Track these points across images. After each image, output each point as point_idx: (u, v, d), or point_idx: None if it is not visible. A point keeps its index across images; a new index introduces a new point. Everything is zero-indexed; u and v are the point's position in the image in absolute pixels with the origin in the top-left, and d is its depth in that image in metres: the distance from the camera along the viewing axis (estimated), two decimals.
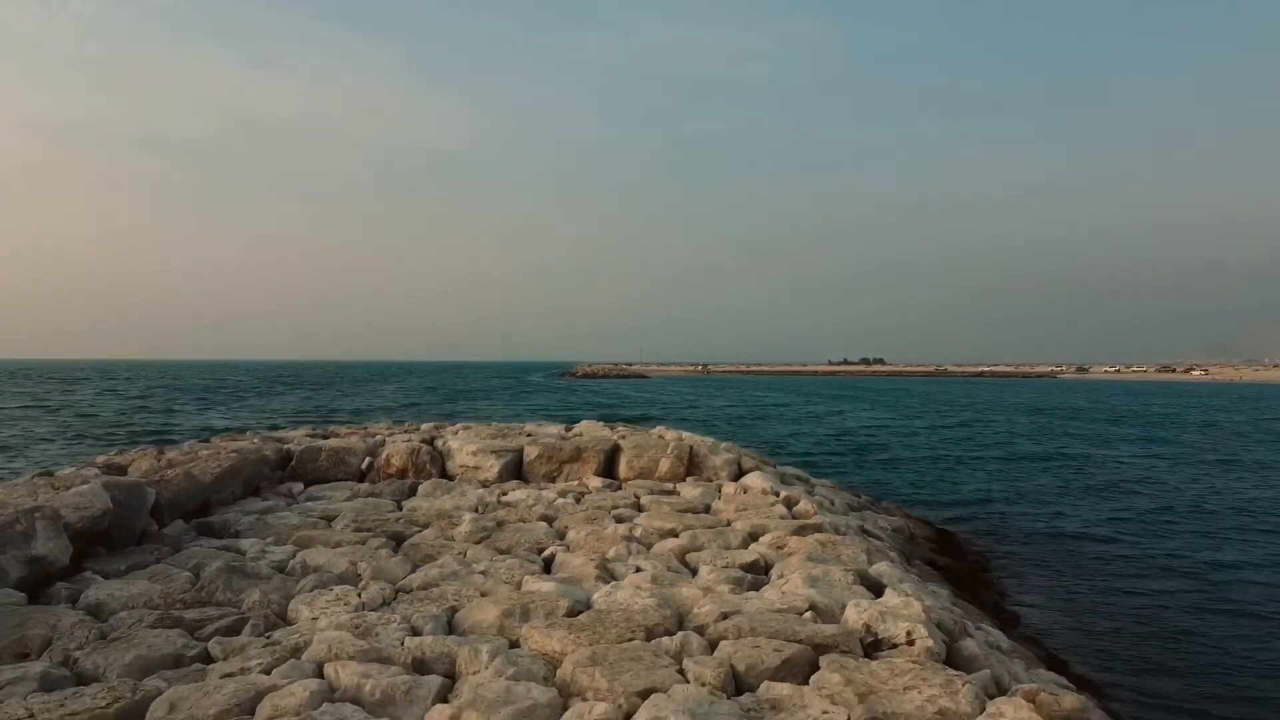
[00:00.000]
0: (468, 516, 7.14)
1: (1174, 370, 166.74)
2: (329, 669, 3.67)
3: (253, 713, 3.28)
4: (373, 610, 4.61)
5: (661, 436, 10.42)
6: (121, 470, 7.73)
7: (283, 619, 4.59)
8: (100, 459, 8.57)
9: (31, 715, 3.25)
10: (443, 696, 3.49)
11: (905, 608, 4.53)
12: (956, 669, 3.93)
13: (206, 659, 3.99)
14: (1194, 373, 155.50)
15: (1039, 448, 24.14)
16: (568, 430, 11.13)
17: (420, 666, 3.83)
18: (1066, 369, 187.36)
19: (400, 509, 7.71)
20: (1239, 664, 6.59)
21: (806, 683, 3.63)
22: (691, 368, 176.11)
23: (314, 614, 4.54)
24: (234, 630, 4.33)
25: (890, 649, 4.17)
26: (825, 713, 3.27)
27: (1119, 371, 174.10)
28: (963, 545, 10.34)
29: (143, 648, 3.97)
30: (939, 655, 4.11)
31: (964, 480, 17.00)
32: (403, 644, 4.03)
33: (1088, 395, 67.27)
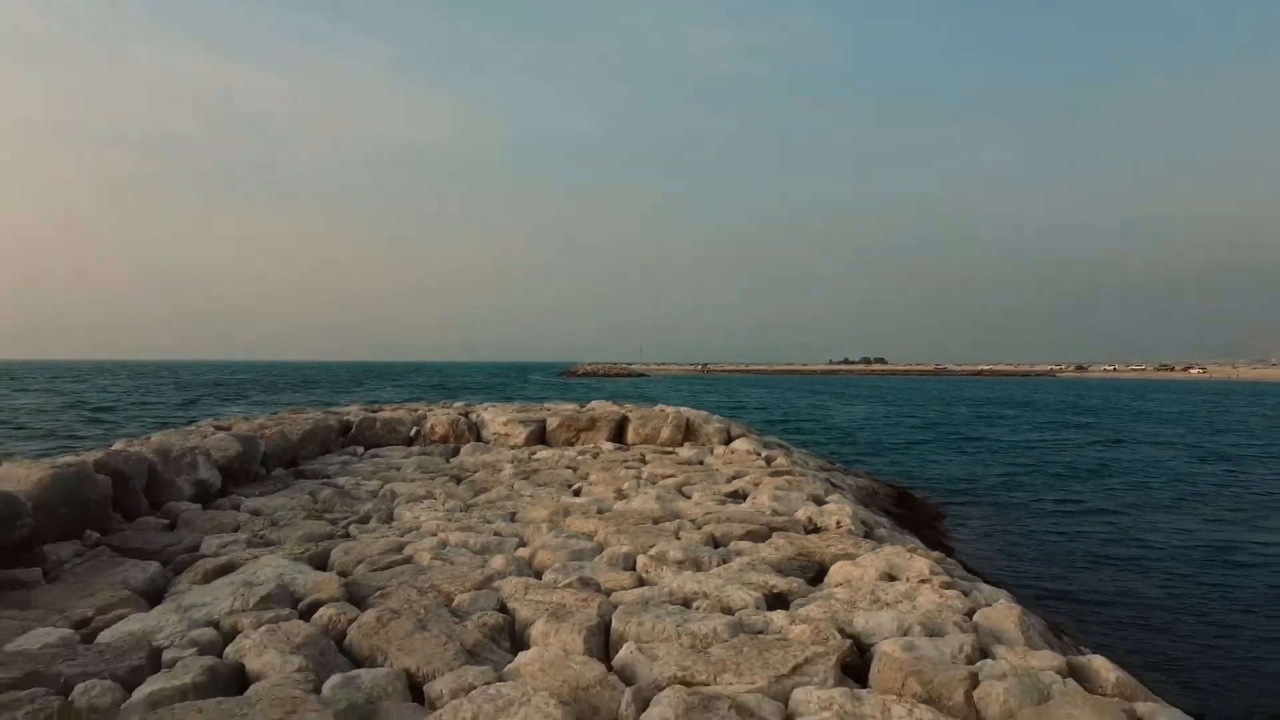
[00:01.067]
0: (508, 465, 8.93)
1: (1172, 369, 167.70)
2: (440, 535, 5.45)
3: (400, 551, 5.05)
4: (456, 513, 6.38)
5: (663, 410, 12.20)
6: (226, 430, 9.48)
7: (391, 519, 6.36)
8: (207, 421, 10.33)
9: (256, 556, 5.01)
10: (520, 546, 5.27)
11: (838, 510, 6.32)
12: None
13: (348, 539, 5.75)
14: (1192, 371, 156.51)
15: (999, 432, 26.03)
16: (582, 407, 12.89)
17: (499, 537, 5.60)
18: (1066, 368, 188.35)
19: (449, 462, 9.49)
20: (1124, 573, 8.38)
21: (762, 543, 5.40)
22: (691, 367, 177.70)
23: (415, 515, 6.32)
24: (363, 521, 6.11)
25: (824, 531, 5.94)
26: (772, 552, 5.04)
27: (1115, 370, 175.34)
28: (919, 502, 12.11)
29: (306, 528, 5.75)
30: (858, 534, 5.88)
31: (930, 457, 18.89)
32: (484, 526, 5.80)
33: (1070, 391, 69.05)
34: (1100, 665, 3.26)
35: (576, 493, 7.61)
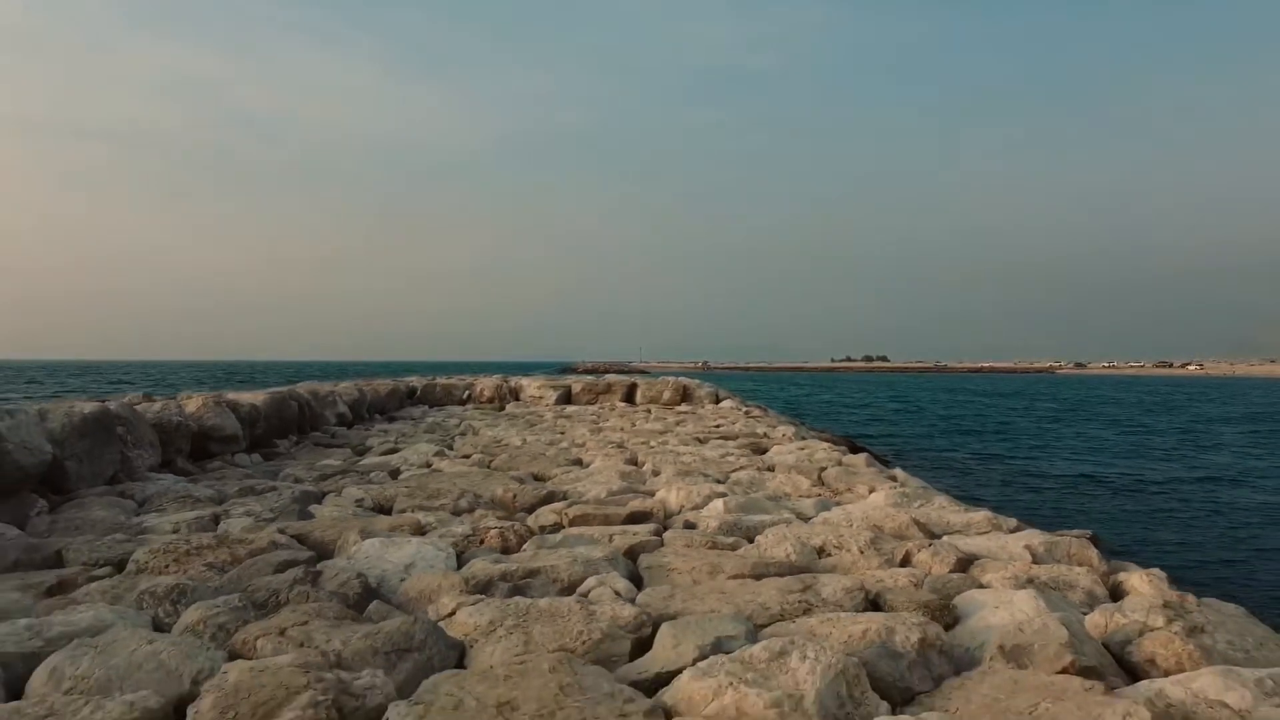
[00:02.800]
0: (548, 413, 11.82)
1: (1171, 365, 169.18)
2: (520, 436, 8.33)
3: (498, 444, 7.92)
4: (523, 431, 9.27)
5: (664, 379, 15.12)
6: None
7: (478, 434, 9.23)
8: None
9: (409, 445, 7.88)
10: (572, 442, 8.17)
11: (785, 429, 9.20)
12: None
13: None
14: (1189, 368, 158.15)
15: (955, 412, 29.11)
16: (599, 378, 15.80)
17: None
18: (1066, 365, 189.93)
19: (501, 412, 12.38)
20: (1012, 488, 11.31)
21: (730, 441, 8.28)
22: (692, 364, 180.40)
23: (494, 433, 9.20)
24: (461, 435, 9.00)
25: (772, 438, 8.82)
26: (735, 443, 7.91)
27: (1114, 367, 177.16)
28: (871, 452, 15.00)
29: (426, 439, 8.63)
30: (795, 440, 8.75)
31: (887, 425, 21.88)
32: (545, 435, 8.69)
33: (1053, 385, 71.94)
34: (901, 474, 6.12)
35: (601, 427, 10.50)
